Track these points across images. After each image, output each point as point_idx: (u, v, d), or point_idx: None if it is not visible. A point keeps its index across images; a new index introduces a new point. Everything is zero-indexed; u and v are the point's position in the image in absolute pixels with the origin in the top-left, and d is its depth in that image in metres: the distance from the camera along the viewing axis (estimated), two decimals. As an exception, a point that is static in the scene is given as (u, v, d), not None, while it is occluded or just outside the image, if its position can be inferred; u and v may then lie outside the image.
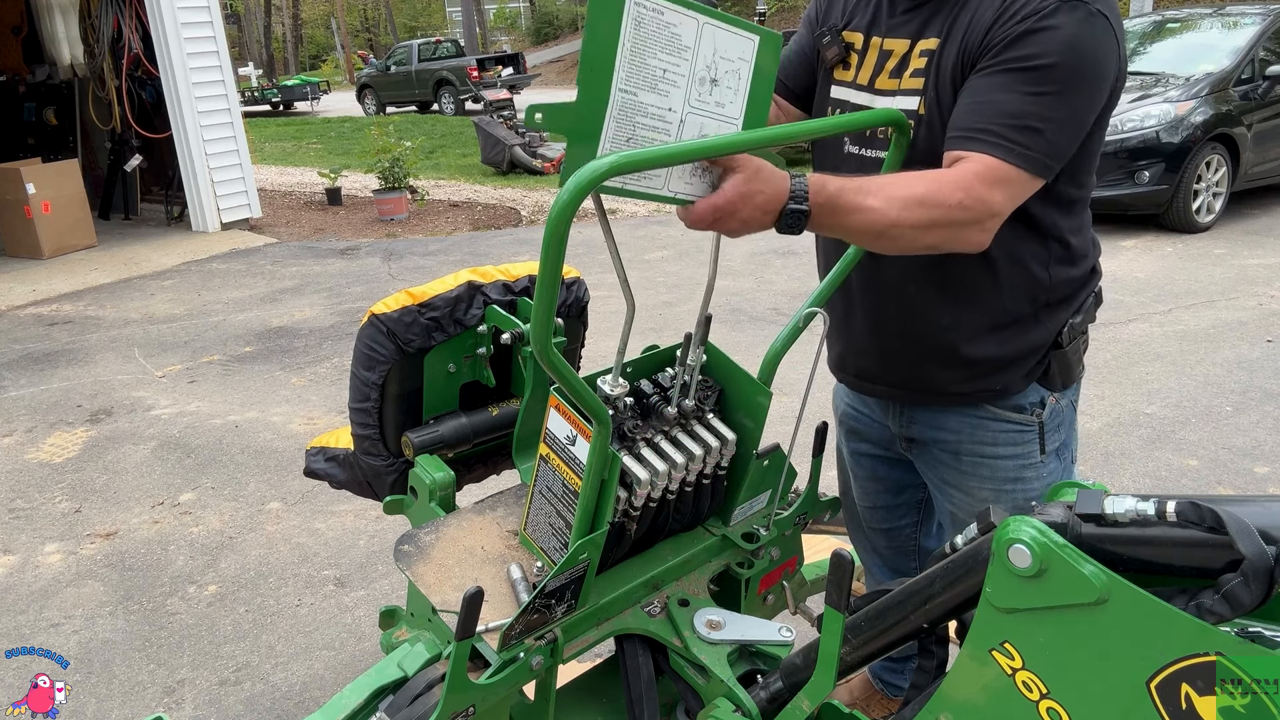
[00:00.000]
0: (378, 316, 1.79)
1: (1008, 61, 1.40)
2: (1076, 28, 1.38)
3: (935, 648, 1.28)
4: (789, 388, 4.34)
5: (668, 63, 1.25)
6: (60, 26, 9.09)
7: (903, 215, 1.34)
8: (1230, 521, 0.91)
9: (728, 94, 1.33)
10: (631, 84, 1.23)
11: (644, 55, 1.23)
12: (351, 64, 37.39)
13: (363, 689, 1.57)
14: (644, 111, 1.26)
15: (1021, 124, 1.38)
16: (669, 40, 1.25)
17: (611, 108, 1.23)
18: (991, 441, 1.71)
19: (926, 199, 1.35)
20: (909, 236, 1.36)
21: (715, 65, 1.30)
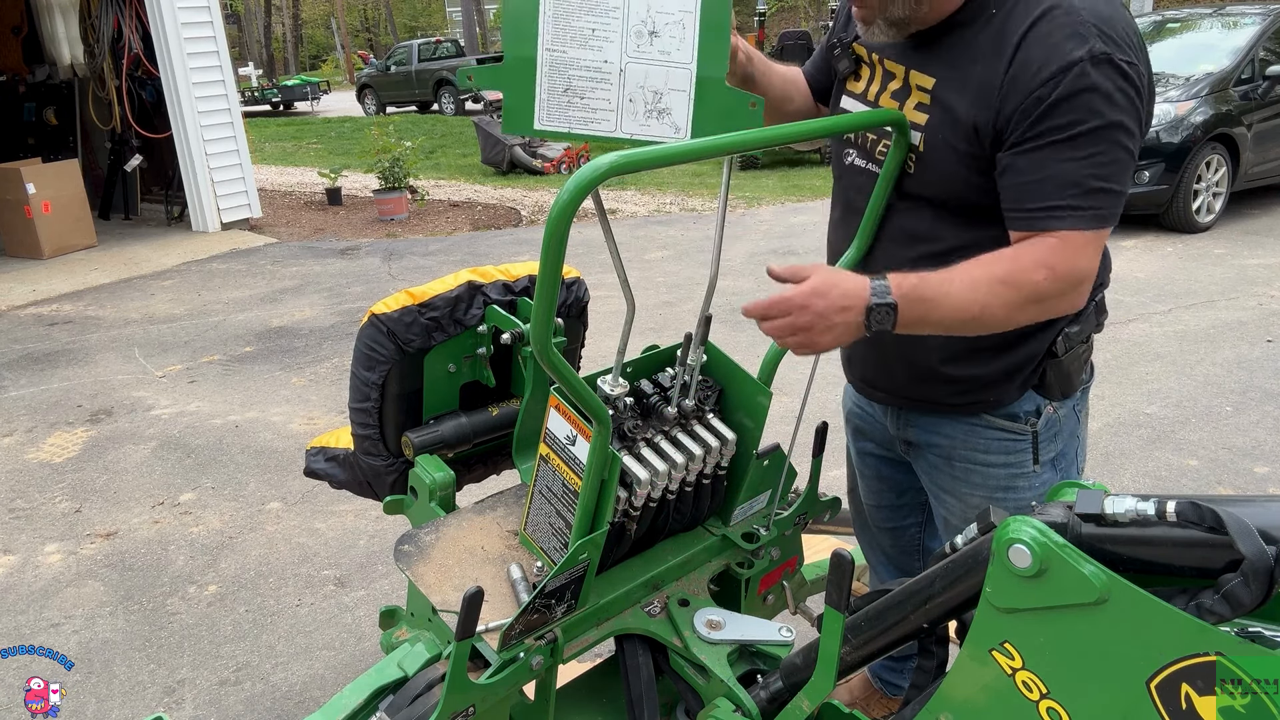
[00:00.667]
0: (378, 316, 1.79)
1: (1051, 133, 1.37)
2: (1108, 82, 1.35)
3: (935, 648, 1.28)
4: (789, 388, 4.34)
5: (596, 22, 1.38)
6: (60, 26, 9.09)
7: (990, 299, 1.38)
8: (1230, 521, 0.91)
9: (672, 43, 1.41)
10: (559, 44, 1.38)
11: (568, 19, 1.37)
12: (351, 64, 37.39)
13: (363, 689, 1.57)
14: (576, 65, 1.39)
15: (1086, 188, 1.37)
16: (593, 4, 1.37)
17: (541, 65, 1.38)
18: (984, 449, 1.70)
19: (1010, 279, 1.38)
20: (1002, 317, 1.41)
21: (652, 19, 1.40)
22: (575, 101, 1.42)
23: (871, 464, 2.01)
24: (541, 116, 1.42)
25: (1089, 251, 1.40)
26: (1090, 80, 1.34)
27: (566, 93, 1.40)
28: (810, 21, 23.42)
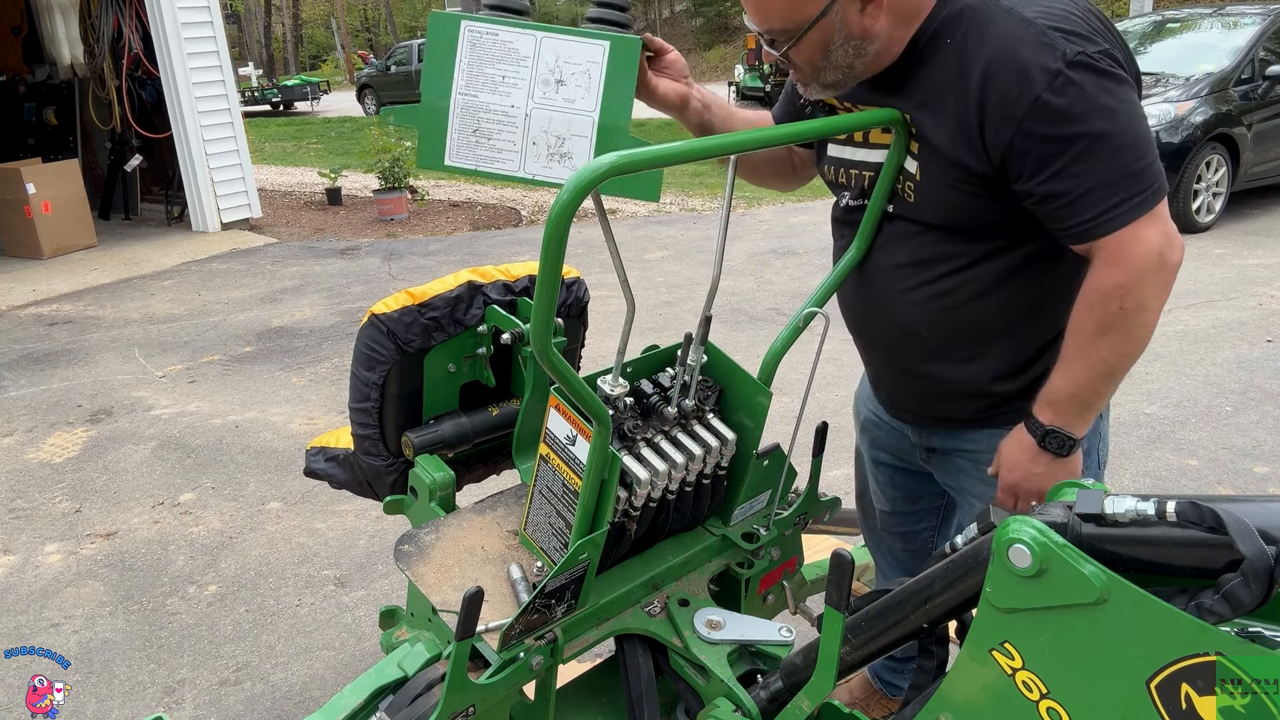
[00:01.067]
0: (378, 316, 1.79)
1: (1060, 157, 1.34)
2: (1092, 81, 1.31)
3: (935, 648, 1.28)
4: (789, 388, 4.34)
5: (505, 70, 1.49)
6: (60, 26, 9.09)
7: (1107, 354, 1.40)
8: (1230, 521, 0.91)
9: (578, 91, 1.51)
10: (471, 89, 1.49)
11: (481, 65, 1.48)
12: (351, 64, 37.39)
13: (363, 689, 1.57)
14: (485, 109, 1.50)
15: (1117, 180, 1.34)
16: (505, 53, 1.48)
17: (454, 107, 1.50)
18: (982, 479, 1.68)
19: (1102, 326, 1.38)
20: (1129, 349, 1.41)
21: (559, 69, 1.50)
22: (483, 142, 1.53)
23: (886, 472, 1.99)
24: (451, 154, 1.53)
25: (1147, 231, 1.35)
26: (1075, 88, 1.31)
27: (475, 133, 1.51)
28: (810, 21, 23.43)
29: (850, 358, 5.37)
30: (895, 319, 1.62)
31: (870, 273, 1.64)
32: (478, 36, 1.47)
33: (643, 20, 33.84)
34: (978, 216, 1.48)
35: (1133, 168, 1.34)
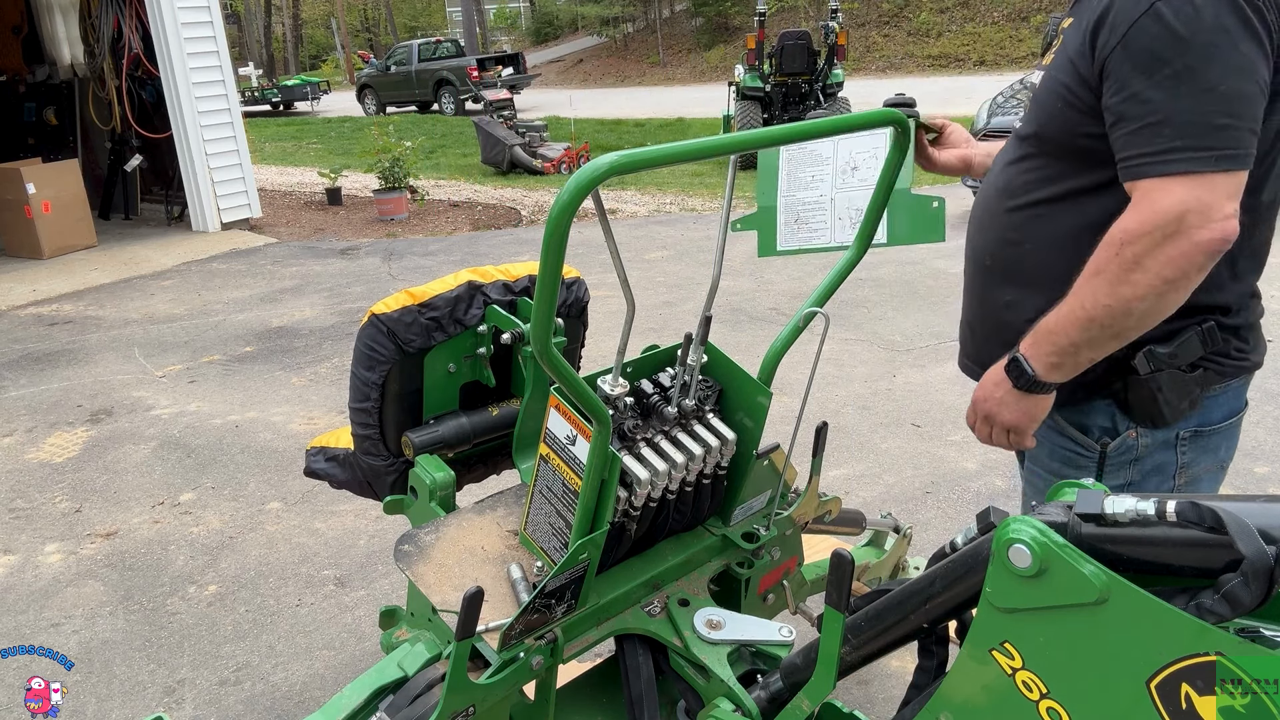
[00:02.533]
0: (378, 316, 1.79)
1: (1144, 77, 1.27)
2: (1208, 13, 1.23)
3: (935, 648, 1.28)
4: (789, 388, 4.34)
5: (813, 171, 1.82)
6: (60, 26, 9.09)
7: (1092, 295, 1.32)
8: (1230, 521, 0.91)
9: (869, 172, 1.78)
10: (790, 190, 1.83)
11: (796, 173, 1.82)
12: (351, 64, 37.39)
13: (363, 689, 1.57)
14: (802, 202, 1.83)
15: (1188, 125, 1.25)
16: (812, 158, 1.81)
17: (780, 206, 1.84)
18: (1048, 454, 1.61)
19: (1096, 267, 1.32)
20: (1120, 305, 1.31)
21: (853, 159, 1.80)
22: (803, 227, 1.84)
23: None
24: (781, 241, 1.84)
25: (1187, 191, 1.24)
26: (1192, 8, 1.23)
27: (796, 222, 1.84)
28: (810, 21, 23.44)
29: (850, 358, 5.34)
30: (973, 241, 1.64)
31: (979, 196, 1.67)
32: (792, 153, 1.80)
33: (643, 20, 33.85)
34: (1065, 130, 1.42)
35: (1213, 120, 1.24)
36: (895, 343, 5.25)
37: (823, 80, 12.43)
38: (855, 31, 24.33)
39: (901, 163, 1.54)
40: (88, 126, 10.08)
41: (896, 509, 3.41)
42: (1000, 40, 23.44)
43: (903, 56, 24.69)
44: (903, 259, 6.94)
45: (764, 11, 13.12)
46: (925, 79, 22.45)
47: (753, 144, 1.33)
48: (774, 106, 12.50)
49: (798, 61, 12.36)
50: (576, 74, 32.31)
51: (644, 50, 31.96)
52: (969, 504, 3.47)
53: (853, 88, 14.25)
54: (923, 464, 3.81)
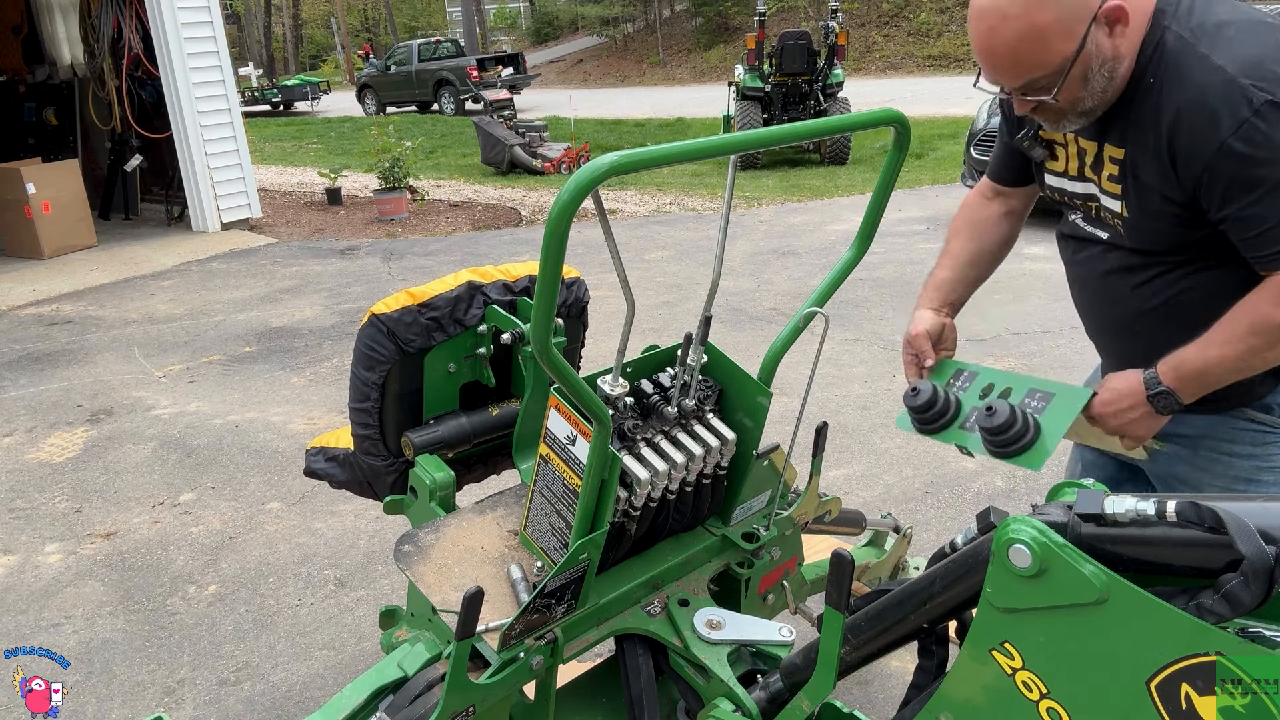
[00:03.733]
0: (378, 316, 1.79)
1: (1248, 192, 1.39)
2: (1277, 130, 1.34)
3: (935, 648, 1.28)
4: (789, 388, 4.34)
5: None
6: (60, 26, 9.09)
7: (1245, 350, 1.46)
8: (1230, 521, 0.91)
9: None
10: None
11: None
12: (351, 64, 37.39)
13: (363, 689, 1.57)
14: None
15: (1259, 232, 1.40)
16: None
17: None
18: (1230, 438, 1.67)
19: (1256, 328, 1.44)
20: (1266, 359, 1.47)
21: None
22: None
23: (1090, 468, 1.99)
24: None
25: None
26: (1262, 134, 1.34)
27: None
28: (810, 21, 23.44)
29: (850, 358, 5.35)
30: (1115, 318, 1.71)
31: (1094, 280, 1.73)
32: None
33: (643, 20, 33.84)
34: (1184, 241, 1.53)
35: None
36: (895, 343, 5.25)
37: (823, 80, 12.44)
38: (855, 31, 24.33)
39: (901, 163, 1.54)
40: (88, 126, 10.08)
41: (896, 509, 3.41)
42: (1000, 40, 23.40)
43: (903, 56, 24.69)
44: (903, 259, 6.94)
45: (764, 11, 13.11)
46: (925, 79, 22.45)
47: (753, 144, 1.33)
48: (774, 106, 12.50)
49: (798, 61, 12.37)
50: (576, 74, 32.30)
51: (644, 50, 31.95)
52: (969, 504, 3.47)
53: (853, 88, 14.26)
54: (923, 464, 3.81)
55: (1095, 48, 1.42)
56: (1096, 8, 1.39)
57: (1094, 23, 1.39)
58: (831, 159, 12.29)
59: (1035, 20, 1.39)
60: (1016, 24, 1.40)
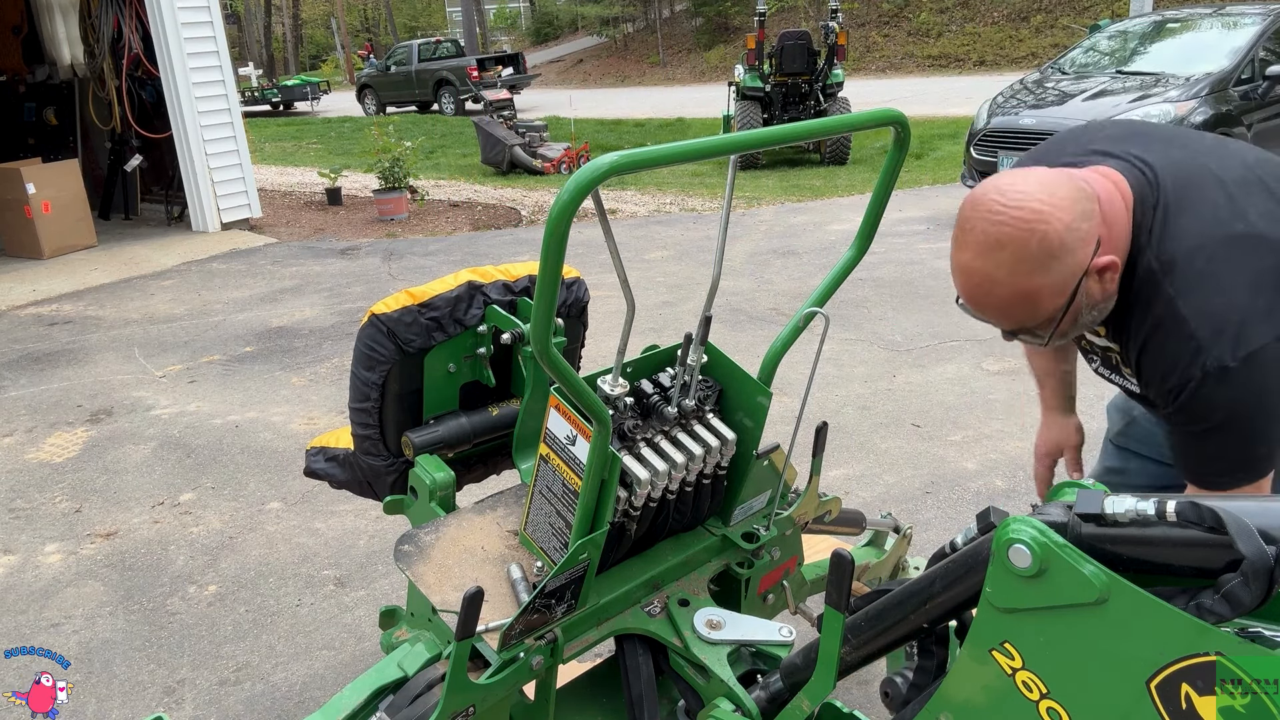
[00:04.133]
0: (378, 316, 1.79)
1: (1187, 426, 1.45)
2: (1222, 391, 1.37)
3: (935, 648, 1.28)
4: (789, 388, 4.34)
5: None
6: (60, 26, 9.09)
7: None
8: (1230, 521, 0.91)
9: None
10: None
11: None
12: (351, 64, 37.40)
13: (363, 689, 1.57)
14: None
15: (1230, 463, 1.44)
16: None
17: None
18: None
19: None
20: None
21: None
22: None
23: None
24: None
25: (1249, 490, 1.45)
26: (1204, 396, 1.38)
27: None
28: (810, 21, 23.43)
29: (850, 358, 5.33)
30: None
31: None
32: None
33: (643, 20, 33.83)
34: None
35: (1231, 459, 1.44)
36: (895, 343, 5.25)
37: (823, 80, 12.44)
38: (855, 31, 24.33)
39: (901, 163, 1.54)
40: (88, 126, 10.08)
41: (896, 509, 3.41)
42: (1000, 40, 23.44)
43: (903, 56, 24.69)
44: (902, 259, 6.94)
45: (764, 11, 13.11)
46: (925, 79, 22.45)
47: (753, 144, 1.33)
48: (774, 106, 12.50)
49: (798, 61, 12.37)
50: (576, 74, 32.30)
51: (644, 50, 31.95)
52: (969, 504, 3.47)
53: (853, 88, 14.26)
54: (923, 464, 3.81)
55: (1086, 297, 1.39)
56: (1088, 262, 1.36)
57: (1085, 275, 1.36)
58: (831, 159, 12.29)
59: (1024, 286, 1.35)
60: (1005, 289, 1.36)
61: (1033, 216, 1.31)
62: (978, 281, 1.38)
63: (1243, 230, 1.39)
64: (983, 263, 1.35)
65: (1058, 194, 1.33)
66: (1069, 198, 1.34)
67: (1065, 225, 1.32)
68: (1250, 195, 1.43)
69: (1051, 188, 1.34)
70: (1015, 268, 1.33)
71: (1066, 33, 21.17)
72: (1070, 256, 1.33)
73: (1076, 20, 21.39)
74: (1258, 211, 1.41)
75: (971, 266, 1.37)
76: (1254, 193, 1.43)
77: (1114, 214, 1.40)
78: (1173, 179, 1.43)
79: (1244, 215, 1.40)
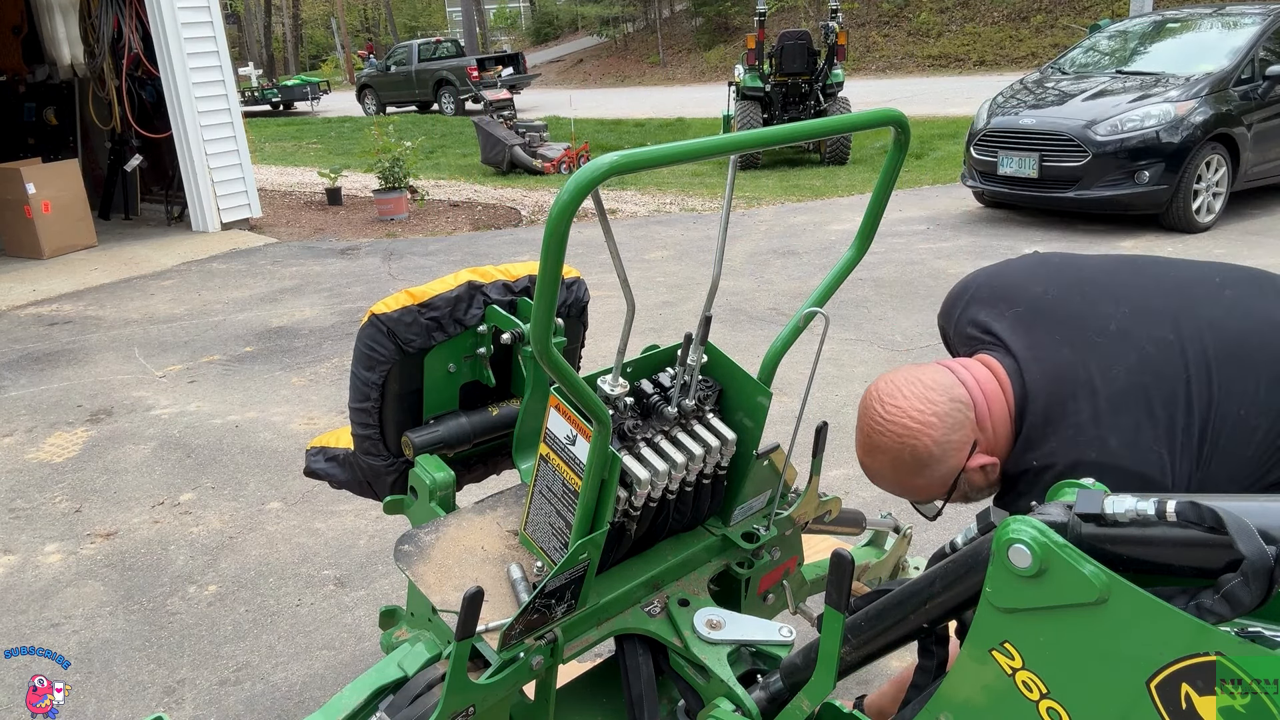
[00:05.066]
0: (378, 316, 1.79)
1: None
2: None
3: (935, 648, 1.28)
4: (789, 388, 4.34)
5: None
6: (60, 26, 9.09)
7: None
8: (1230, 521, 0.91)
9: None
10: None
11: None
12: (351, 64, 37.40)
13: (363, 689, 1.57)
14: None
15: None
16: None
17: None
18: None
19: None
20: None
21: None
22: None
23: None
24: None
25: None
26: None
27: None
28: (810, 21, 23.42)
29: (850, 358, 5.32)
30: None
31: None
32: None
33: (643, 20, 33.82)
34: None
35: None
36: (895, 343, 5.25)
37: (823, 80, 12.44)
38: (855, 31, 24.32)
39: (901, 163, 1.54)
40: (88, 126, 10.07)
41: (896, 509, 3.40)
42: (1000, 40, 23.44)
43: (903, 56, 24.69)
44: (902, 259, 6.94)
45: (764, 11, 13.11)
46: (925, 79, 22.44)
47: (753, 144, 1.33)
48: (774, 106, 12.50)
49: (798, 61, 12.37)
50: (576, 74, 32.30)
51: (644, 50, 31.95)
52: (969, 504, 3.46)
53: (853, 88, 14.25)
54: (923, 464, 3.81)
55: (969, 485, 1.52)
56: (962, 464, 1.47)
57: (963, 473, 1.48)
58: (831, 159, 12.29)
59: (905, 482, 1.53)
60: (889, 481, 1.55)
61: (904, 433, 1.46)
62: (869, 470, 1.57)
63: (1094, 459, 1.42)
64: (869, 460, 1.54)
65: (932, 408, 1.46)
66: (942, 412, 1.46)
67: (934, 441, 1.45)
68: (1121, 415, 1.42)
69: (928, 400, 1.46)
70: (895, 469, 1.51)
71: (1066, 33, 21.17)
72: (942, 464, 1.47)
73: (1076, 20, 21.39)
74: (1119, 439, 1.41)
75: (862, 460, 1.56)
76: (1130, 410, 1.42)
77: (997, 415, 1.49)
78: (1046, 392, 1.47)
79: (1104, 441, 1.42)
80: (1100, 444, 1.41)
